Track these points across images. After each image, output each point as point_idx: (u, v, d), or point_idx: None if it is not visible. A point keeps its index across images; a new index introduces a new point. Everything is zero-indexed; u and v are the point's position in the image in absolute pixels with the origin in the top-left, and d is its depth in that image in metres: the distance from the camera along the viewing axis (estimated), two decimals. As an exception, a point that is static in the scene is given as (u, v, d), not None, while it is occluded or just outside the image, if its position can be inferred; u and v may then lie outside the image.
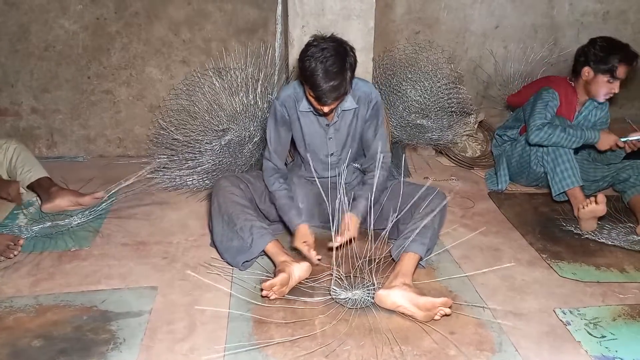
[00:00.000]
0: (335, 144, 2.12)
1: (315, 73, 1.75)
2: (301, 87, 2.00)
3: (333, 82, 1.76)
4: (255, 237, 1.91)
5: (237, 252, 1.94)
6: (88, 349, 1.53)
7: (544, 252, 2.17)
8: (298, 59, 1.83)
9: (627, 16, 3.42)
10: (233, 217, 1.95)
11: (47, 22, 2.87)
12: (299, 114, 2.05)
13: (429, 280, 1.91)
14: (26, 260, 2.00)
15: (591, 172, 2.69)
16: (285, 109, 2.05)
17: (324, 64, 1.74)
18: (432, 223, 1.92)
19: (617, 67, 2.43)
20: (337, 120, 2.07)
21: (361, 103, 2.06)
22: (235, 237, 1.94)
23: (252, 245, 1.90)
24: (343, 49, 1.80)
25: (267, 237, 1.92)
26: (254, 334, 1.61)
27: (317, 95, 1.81)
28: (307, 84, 1.83)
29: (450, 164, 3.19)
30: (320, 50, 1.76)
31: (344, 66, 1.78)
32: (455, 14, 3.26)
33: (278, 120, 2.07)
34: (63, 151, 3.15)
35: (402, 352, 1.55)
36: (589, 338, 1.64)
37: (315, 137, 2.11)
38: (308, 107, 2.02)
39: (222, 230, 1.98)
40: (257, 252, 1.91)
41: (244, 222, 1.93)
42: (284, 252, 1.91)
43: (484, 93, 3.48)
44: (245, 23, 3.04)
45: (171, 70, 3.06)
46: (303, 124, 2.07)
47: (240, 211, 1.96)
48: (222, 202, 1.99)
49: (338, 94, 1.81)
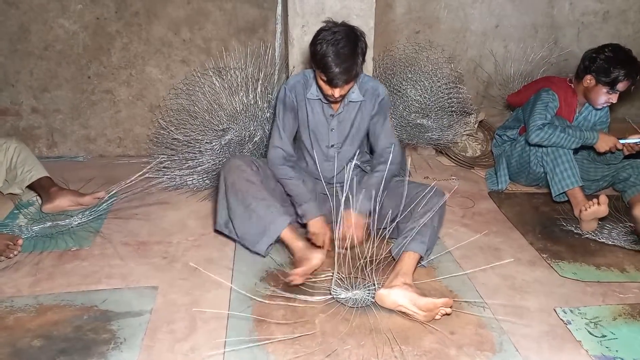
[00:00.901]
0: (337, 135, 2.13)
1: (327, 55, 1.79)
2: (311, 74, 2.03)
3: (345, 64, 1.80)
4: (275, 216, 1.90)
5: (257, 233, 1.92)
6: (88, 349, 1.53)
7: (545, 252, 2.17)
8: (310, 43, 1.87)
9: (628, 16, 3.42)
10: (248, 196, 1.93)
11: (47, 22, 2.87)
12: (306, 101, 2.06)
13: (430, 280, 1.92)
14: (26, 260, 2.00)
15: (591, 171, 2.70)
16: (294, 94, 2.07)
17: (335, 46, 1.79)
18: (432, 222, 1.92)
19: (619, 82, 2.43)
20: (341, 112, 2.08)
21: (368, 97, 2.08)
22: (251, 216, 1.92)
23: (270, 225, 1.89)
24: (354, 34, 1.85)
25: (286, 218, 1.92)
26: (254, 332, 1.61)
27: (329, 77, 1.83)
28: (318, 67, 1.86)
29: (451, 163, 3.19)
30: (332, 34, 1.81)
31: (356, 50, 1.82)
32: (456, 13, 3.26)
33: (287, 106, 2.08)
34: (63, 151, 3.15)
35: (403, 352, 1.55)
36: (590, 337, 1.64)
37: (318, 127, 2.11)
38: (316, 94, 2.03)
39: (238, 210, 1.95)
40: (278, 232, 1.90)
41: (261, 202, 1.92)
42: (300, 237, 1.93)
43: (484, 93, 3.48)
44: (245, 22, 3.04)
45: (171, 70, 3.06)
46: (309, 112, 2.08)
47: (256, 190, 1.95)
48: (235, 181, 1.96)
49: (349, 77, 1.84)
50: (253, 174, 1.99)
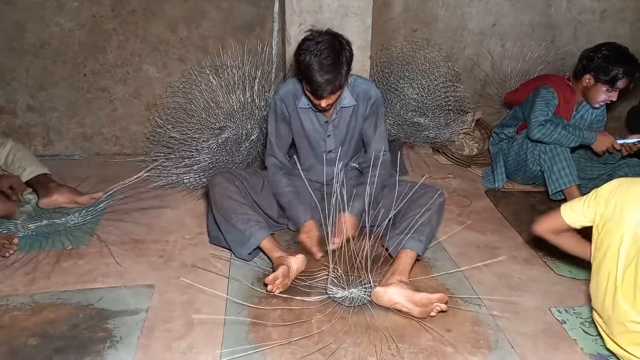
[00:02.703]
0: (333, 141, 2.13)
1: (310, 66, 1.77)
2: (300, 83, 2.01)
3: (328, 75, 1.77)
4: (253, 230, 1.92)
5: (237, 244, 1.96)
6: (85, 347, 1.52)
7: (541, 250, 2.17)
8: (294, 53, 1.84)
9: (625, 14, 3.42)
10: (229, 212, 1.95)
11: (43, 20, 2.86)
12: (298, 111, 2.06)
13: (425, 277, 1.92)
14: (22, 259, 2.00)
15: (588, 170, 2.70)
16: (285, 105, 2.07)
17: (318, 57, 1.76)
18: (430, 220, 1.92)
19: (618, 79, 2.43)
20: (335, 118, 2.07)
21: (360, 100, 2.07)
22: (233, 231, 1.95)
23: (249, 238, 1.92)
24: (338, 43, 1.82)
25: (264, 231, 1.93)
26: (251, 333, 1.61)
27: (313, 89, 1.82)
28: (303, 78, 1.85)
29: (448, 162, 3.19)
30: (315, 44, 1.78)
31: (339, 59, 1.80)
32: (453, 12, 3.26)
33: (278, 116, 2.09)
34: (59, 149, 3.14)
35: (399, 350, 1.55)
36: (585, 336, 1.65)
37: (314, 134, 2.11)
38: (307, 103, 2.02)
39: (221, 225, 1.99)
40: (255, 244, 1.92)
41: (241, 216, 1.94)
42: (279, 248, 1.93)
43: (481, 91, 3.48)
44: (243, 21, 3.03)
45: (168, 68, 3.05)
46: (303, 121, 2.08)
47: (237, 206, 1.97)
48: (217, 199, 2.00)
49: (333, 87, 1.82)
50: (234, 191, 2.02)
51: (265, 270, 1.94)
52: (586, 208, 1.57)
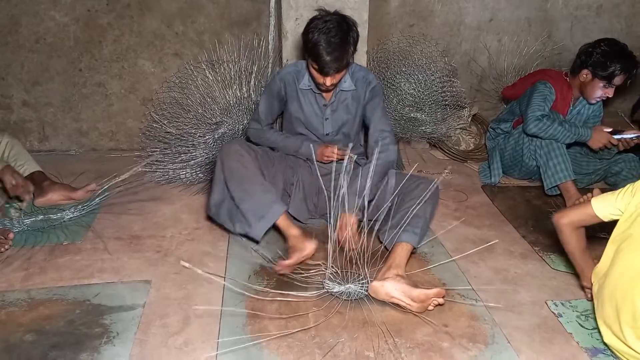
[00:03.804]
0: (331, 124, 2.15)
1: (318, 44, 1.82)
2: (303, 64, 2.05)
3: (335, 52, 1.83)
4: (273, 200, 1.90)
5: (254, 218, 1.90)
6: (81, 343, 1.52)
7: (537, 245, 2.18)
8: (302, 32, 1.89)
9: (621, 10, 3.43)
10: (248, 180, 1.92)
11: (38, 14, 2.84)
12: (298, 92, 2.07)
13: (421, 270, 1.92)
14: (18, 254, 1.99)
15: (584, 165, 2.71)
16: (284, 84, 2.11)
17: (326, 35, 1.82)
18: (424, 212, 1.92)
19: (615, 76, 2.43)
20: (334, 101, 2.10)
21: (359, 85, 2.11)
22: (249, 200, 1.90)
23: (268, 209, 1.89)
24: (346, 23, 1.88)
25: (281, 205, 1.92)
26: (247, 326, 1.61)
27: (320, 66, 1.86)
28: (310, 55, 1.89)
29: (444, 157, 3.20)
30: (324, 22, 1.84)
31: (347, 39, 1.85)
32: (450, 6, 3.26)
33: (274, 92, 2.14)
34: (55, 145, 3.13)
35: (396, 345, 1.55)
36: (581, 330, 1.66)
37: (312, 117, 2.14)
38: (308, 84, 2.06)
39: (234, 193, 1.93)
40: (276, 217, 1.90)
41: (259, 186, 1.92)
42: (294, 225, 1.94)
43: (477, 86, 3.48)
44: (239, 15, 3.02)
45: (164, 63, 3.04)
46: (302, 102, 2.09)
47: (253, 175, 1.94)
48: (233, 165, 1.95)
49: (340, 65, 1.86)
50: (251, 160, 1.98)
51: (264, 263, 1.94)
52: (620, 200, 1.58)
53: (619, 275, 1.49)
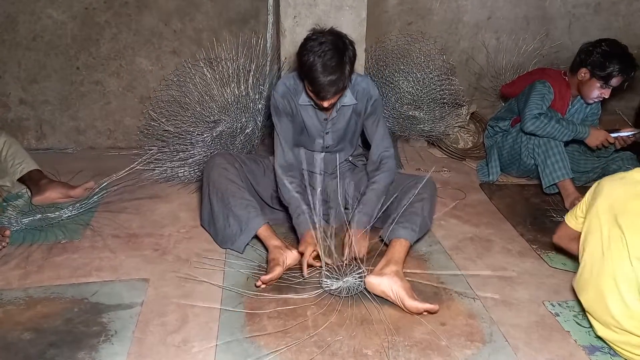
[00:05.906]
0: (331, 137, 2.12)
1: (314, 67, 1.73)
2: (300, 80, 1.98)
3: (331, 76, 1.73)
4: (252, 215, 1.92)
5: (235, 231, 1.93)
6: (79, 342, 1.52)
7: (535, 243, 2.19)
8: (297, 53, 1.80)
9: (619, 8, 3.43)
10: (227, 195, 1.94)
11: (35, 12, 2.83)
12: (299, 107, 2.04)
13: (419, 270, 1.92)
14: (16, 253, 1.99)
15: (582, 163, 2.71)
16: (287, 101, 2.03)
17: (322, 58, 1.72)
18: (422, 210, 1.92)
19: (613, 77, 2.43)
20: (335, 116, 2.05)
21: (360, 99, 2.04)
22: (230, 215, 1.94)
23: (248, 223, 1.90)
24: (342, 43, 1.77)
25: (262, 218, 1.93)
26: (246, 325, 1.61)
27: (316, 90, 1.79)
28: (306, 78, 1.82)
29: (442, 155, 3.20)
30: (319, 45, 1.73)
31: (343, 60, 1.76)
32: (448, 4, 3.25)
33: (280, 111, 2.03)
34: (52, 143, 3.12)
35: (394, 343, 1.55)
36: (578, 328, 1.66)
37: (313, 130, 2.10)
38: (307, 100, 2.00)
39: (217, 207, 1.97)
40: (254, 230, 1.91)
41: (239, 201, 1.93)
42: (276, 236, 1.93)
43: (476, 84, 3.48)
44: (237, 13, 3.01)
45: (161, 61, 3.03)
46: (304, 117, 2.07)
47: (236, 189, 1.96)
48: (216, 180, 1.98)
49: (337, 89, 1.79)
50: (234, 173, 2.00)
51: (261, 263, 1.94)
52: (582, 205, 1.69)
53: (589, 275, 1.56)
